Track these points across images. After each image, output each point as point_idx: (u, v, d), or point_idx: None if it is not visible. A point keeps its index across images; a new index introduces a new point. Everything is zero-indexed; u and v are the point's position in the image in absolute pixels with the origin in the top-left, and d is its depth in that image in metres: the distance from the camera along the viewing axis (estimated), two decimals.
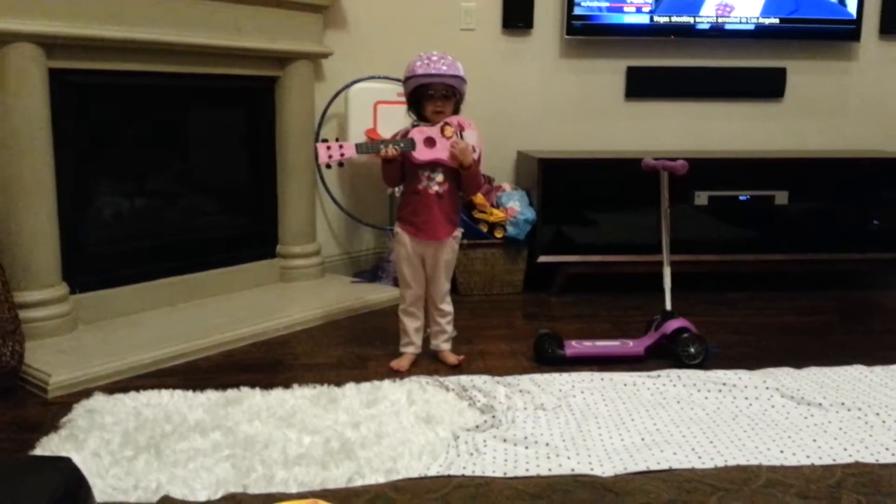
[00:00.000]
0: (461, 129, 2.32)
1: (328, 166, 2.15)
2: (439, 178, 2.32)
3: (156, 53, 2.70)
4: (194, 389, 2.13)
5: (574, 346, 2.46)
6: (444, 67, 2.23)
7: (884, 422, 1.93)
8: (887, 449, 1.79)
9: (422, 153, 2.27)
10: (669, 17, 3.55)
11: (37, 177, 2.43)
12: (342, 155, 2.25)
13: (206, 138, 3.12)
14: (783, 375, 2.24)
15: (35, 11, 2.35)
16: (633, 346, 2.49)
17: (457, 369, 2.38)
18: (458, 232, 2.43)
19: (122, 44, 2.57)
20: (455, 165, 2.28)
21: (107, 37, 2.52)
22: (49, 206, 2.48)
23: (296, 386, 2.17)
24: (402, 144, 2.25)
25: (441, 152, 2.28)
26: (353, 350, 2.57)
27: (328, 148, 2.24)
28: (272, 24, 3.04)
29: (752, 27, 3.59)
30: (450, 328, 2.48)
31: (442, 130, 2.28)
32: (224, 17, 2.88)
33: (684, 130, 3.77)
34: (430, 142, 2.27)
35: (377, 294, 3.12)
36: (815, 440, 1.84)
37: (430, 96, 2.27)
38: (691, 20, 3.56)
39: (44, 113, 2.43)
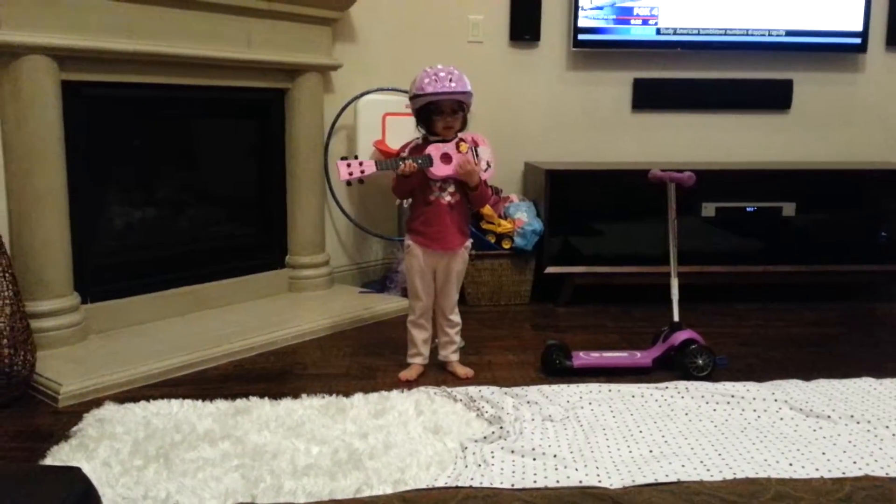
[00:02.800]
0: (475, 144, 2.33)
1: (349, 183, 2.14)
2: (451, 188, 2.33)
3: (167, 66, 2.73)
4: (203, 399, 2.14)
5: (582, 357, 2.46)
6: (453, 84, 2.23)
7: (893, 434, 1.93)
8: None
9: (439, 169, 2.28)
10: (675, 29, 3.57)
11: (49, 187, 2.45)
12: (362, 172, 2.25)
13: (216, 149, 3.14)
14: (792, 388, 2.23)
15: (48, 24, 2.38)
16: (640, 357, 2.49)
17: (465, 380, 2.38)
18: (469, 242, 2.44)
19: (134, 56, 2.60)
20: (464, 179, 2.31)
21: (119, 50, 2.55)
22: (61, 216, 2.50)
23: (304, 396, 2.17)
24: (420, 161, 2.26)
25: (457, 169, 2.30)
26: (362, 360, 2.57)
27: (348, 165, 2.24)
28: (282, 36, 3.06)
29: (758, 39, 3.60)
30: (458, 339, 2.48)
31: (458, 146, 2.29)
32: (235, 30, 2.90)
33: (691, 142, 3.77)
34: (446, 158, 2.29)
35: (385, 304, 3.13)
36: (824, 453, 1.83)
37: (441, 113, 2.28)
38: (697, 32, 3.57)
39: (56, 124, 2.45)
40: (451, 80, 2.23)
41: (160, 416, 2.04)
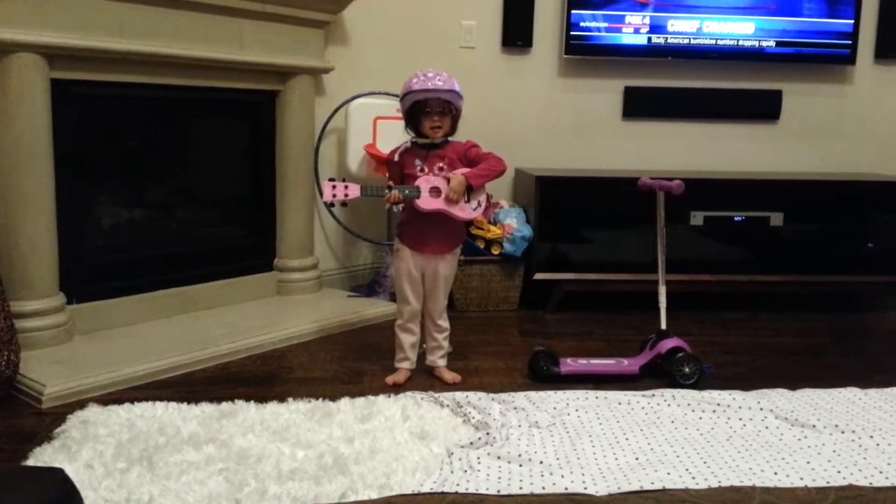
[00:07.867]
0: (469, 185, 2.31)
1: (331, 205, 2.15)
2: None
3: (158, 66, 2.72)
4: (189, 402, 2.13)
5: (569, 364, 2.46)
6: (440, 83, 2.25)
7: (878, 445, 1.94)
8: (881, 472, 1.79)
9: (426, 202, 2.28)
10: (666, 38, 3.59)
11: (36, 186, 2.43)
12: (346, 196, 2.27)
13: (206, 151, 3.13)
14: (777, 397, 2.24)
15: (38, 22, 2.37)
16: (627, 364, 2.49)
17: (452, 386, 2.38)
18: (459, 248, 2.44)
19: (124, 56, 2.59)
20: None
21: (109, 49, 2.53)
22: (48, 215, 2.48)
23: (290, 400, 2.16)
24: (407, 192, 2.27)
25: (446, 203, 2.30)
26: (349, 364, 2.57)
27: (334, 187, 2.26)
28: (274, 38, 3.06)
29: (748, 49, 3.62)
30: (446, 344, 2.48)
31: (448, 182, 2.29)
32: (227, 32, 2.90)
33: (681, 151, 3.79)
34: (435, 191, 2.29)
35: (374, 309, 3.13)
36: (808, 462, 1.84)
37: (427, 112, 2.28)
38: (688, 42, 3.60)
39: (45, 123, 2.43)
40: (439, 80, 2.25)
41: (144, 418, 2.03)
